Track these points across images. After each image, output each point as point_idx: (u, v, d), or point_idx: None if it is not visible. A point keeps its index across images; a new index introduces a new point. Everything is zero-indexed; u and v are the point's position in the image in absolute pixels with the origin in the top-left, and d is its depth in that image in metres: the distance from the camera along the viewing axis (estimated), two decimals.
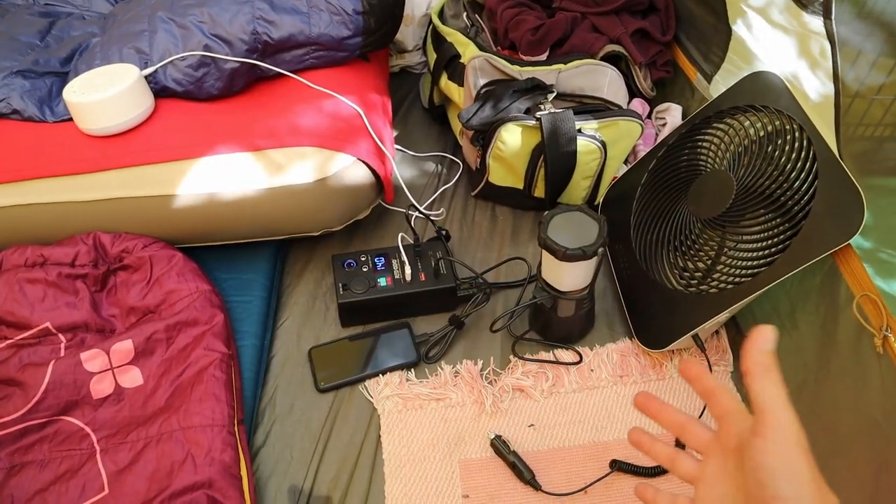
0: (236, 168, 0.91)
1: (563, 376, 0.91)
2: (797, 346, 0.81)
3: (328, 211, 0.97)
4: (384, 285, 0.95)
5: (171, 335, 0.86)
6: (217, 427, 0.79)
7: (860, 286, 0.70)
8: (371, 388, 0.90)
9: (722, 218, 0.82)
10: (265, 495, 0.81)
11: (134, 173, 0.90)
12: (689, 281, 0.86)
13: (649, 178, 0.98)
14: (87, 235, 0.91)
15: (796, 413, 0.44)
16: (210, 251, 1.00)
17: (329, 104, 0.99)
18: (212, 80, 0.98)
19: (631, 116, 1.01)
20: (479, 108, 1.01)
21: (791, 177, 0.76)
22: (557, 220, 0.84)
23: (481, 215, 1.15)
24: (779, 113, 0.81)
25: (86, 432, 0.80)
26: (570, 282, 0.86)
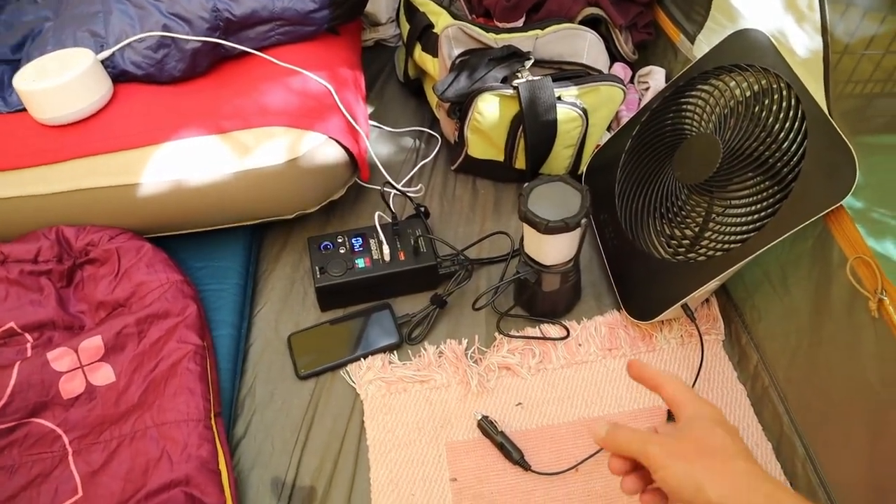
0: (202, 152, 0.87)
1: (551, 352, 0.89)
2: (789, 311, 0.78)
3: (301, 192, 0.93)
4: (362, 266, 0.92)
5: (142, 329, 0.82)
6: (192, 422, 0.76)
7: (853, 248, 0.67)
8: (353, 373, 0.88)
9: (709, 183, 0.79)
10: (247, 488, 0.78)
11: (95, 163, 0.86)
12: (677, 249, 0.83)
13: (633, 144, 0.95)
14: (49, 230, 0.87)
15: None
16: (181, 240, 0.97)
17: (297, 81, 0.95)
18: (173, 61, 0.94)
19: (612, 81, 0.97)
20: (455, 79, 0.97)
21: (779, 137, 0.73)
22: (538, 192, 0.81)
23: (462, 190, 1.12)
24: (765, 71, 0.77)
25: (57, 434, 0.77)
26: (553, 255, 0.83)
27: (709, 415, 0.53)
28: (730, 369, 0.86)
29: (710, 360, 0.87)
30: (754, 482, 0.48)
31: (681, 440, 0.52)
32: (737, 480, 0.48)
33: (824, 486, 0.72)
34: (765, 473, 0.49)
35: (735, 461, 0.49)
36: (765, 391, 0.81)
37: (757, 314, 0.85)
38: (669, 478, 0.49)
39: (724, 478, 0.48)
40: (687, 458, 0.50)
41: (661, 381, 0.57)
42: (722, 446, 0.50)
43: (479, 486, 0.77)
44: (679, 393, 0.56)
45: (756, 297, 0.86)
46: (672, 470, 0.49)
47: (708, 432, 0.51)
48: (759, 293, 0.85)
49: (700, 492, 0.47)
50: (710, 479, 0.48)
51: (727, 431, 0.52)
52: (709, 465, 0.49)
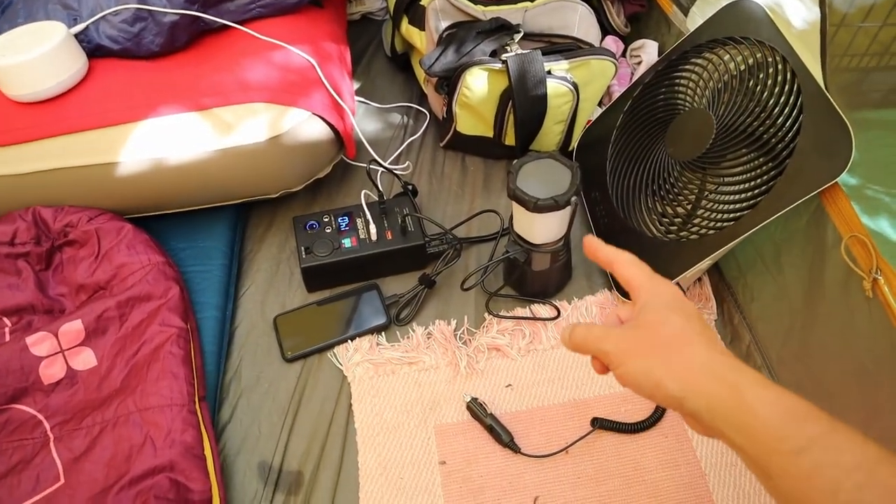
0: (182, 130, 0.84)
1: (541, 332, 0.88)
2: (783, 291, 0.77)
3: (285, 170, 0.91)
4: (349, 246, 0.90)
5: (123, 312, 0.81)
6: (176, 406, 0.75)
7: (848, 227, 0.66)
8: (340, 355, 0.86)
9: (702, 159, 0.77)
10: (233, 473, 0.77)
11: (71, 141, 0.83)
12: (669, 227, 0.82)
13: (625, 119, 0.93)
14: (25, 211, 0.85)
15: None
16: (163, 220, 0.94)
17: (279, 56, 0.92)
18: (150, 35, 0.91)
19: (604, 55, 0.95)
20: (442, 52, 0.95)
21: (774, 112, 0.71)
22: (528, 169, 0.79)
23: (451, 167, 1.10)
24: (760, 44, 0.75)
25: (38, 419, 0.76)
26: (543, 233, 0.82)
27: (664, 299, 0.50)
28: None
29: None
30: (716, 369, 0.45)
31: (635, 333, 0.49)
32: (695, 370, 0.45)
33: None
34: (728, 359, 0.46)
35: (692, 349, 0.46)
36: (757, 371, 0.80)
37: (750, 294, 0.84)
38: (627, 375, 0.47)
39: (681, 369, 0.45)
40: (642, 353, 0.47)
41: (614, 257, 0.54)
42: (678, 334, 0.47)
43: (468, 469, 0.76)
44: (634, 276, 0.52)
45: (749, 276, 0.85)
46: (628, 367, 0.47)
47: (662, 319, 0.48)
48: (752, 272, 0.84)
49: (659, 387, 0.45)
50: (667, 373, 0.45)
51: (684, 315, 0.48)
52: (665, 358, 0.46)
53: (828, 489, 0.38)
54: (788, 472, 0.40)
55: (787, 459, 0.40)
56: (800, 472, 0.40)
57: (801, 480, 0.40)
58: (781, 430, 0.41)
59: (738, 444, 0.42)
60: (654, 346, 0.47)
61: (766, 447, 0.41)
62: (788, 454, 0.40)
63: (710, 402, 0.43)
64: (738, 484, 0.74)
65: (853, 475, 0.38)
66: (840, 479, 0.38)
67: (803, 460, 0.39)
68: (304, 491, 0.76)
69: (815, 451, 0.39)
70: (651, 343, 0.47)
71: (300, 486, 0.76)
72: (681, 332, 0.47)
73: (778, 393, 0.43)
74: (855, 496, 0.38)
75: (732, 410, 0.42)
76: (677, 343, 0.47)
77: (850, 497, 0.38)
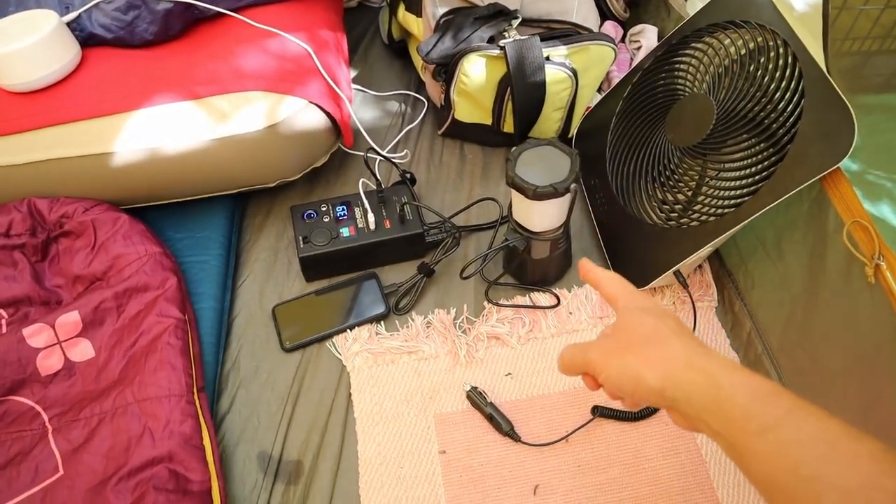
0: (177, 119, 0.84)
1: (541, 321, 0.87)
2: (783, 278, 0.77)
3: (282, 160, 0.90)
4: (347, 235, 0.89)
5: (120, 303, 0.80)
6: (174, 397, 0.74)
7: (850, 212, 0.65)
8: (339, 345, 0.86)
9: (702, 145, 0.76)
10: (233, 464, 0.77)
11: (64, 131, 0.82)
12: (669, 214, 0.81)
13: (624, 106, 0.92)
14: (20, 202, 0.84)
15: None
16: (160, 210, 0.94)
17: (275, 44, 0.91)
18: (144, 23, 0.90)
19: (603, 40, 0.94)
20: (439, 39, 0.94)
21: (775, 97, 0.70)
22: (526, 156, 0.78)
23: (449, 155, 1.09)
24: (761, 28, 0.74)
25: (36, 411, 0.76)
26: (542, 221, 0.81)
27: (639, 304, 0.53)
28: (723, 336, 0.85)
29: (703, 328, 0.86)
30: (690, 359, 0.47)
31: (615, 336, 0.52)
32: (671, 361, 0.47)
33: None
34: (701, 348, 0.48)
35: (669, 343, 0.48)
36: (758, 358, 0.80)
37: (751, 280, 0.84)
38: (611, 377, 0.50)
39: (659, 362, 0.47)
40: (621, 352, 0.50)
41: (599, 278, 0.58)
42: (653, 332, 0.50)
43: (468, 458, 0.76)
44: (616, 290, 0.56)
45: (750, 263, 0.84)
46: (610, 369, 0.50)
47: (638, 321, 0.51)
48: (753, 259, 0.83)
49: (640, 382, 0.47)
50: (646, 367, 0.47)
51: (658, 316, 0.51)
52: (643, 355, 0.48)
53: (791, 465, 0.39)
54: (756, 452, 0.41)
55: (754, 439, 0.41)
56: (766, 451, 0.41)
57: (767, 459, 0.41)
58: (748, 410, 0.42)
59: (715, 428, 0.44)
60: (631, 344, 0.50)
61: (737, 427, 0.42)
62: (755, 433, 0.41)
63: (688, 390, 0.45)
64: (739, 471, 0.74)
65: (814, 448, 0.39)
66: (802, 454, 0.39)
67: (769, 438, 0.41)
68: (303, 480, 0.76)
69: (780, 430, 0.40)
70: (629, 342, 0.50)
71: (300, 475, 0.76)
72: (655, 329, 0.50)
73: (746, 376, 0.44)
74: (816, 469, 0.38)
75: (707, 396, 0.44)
76: (653, 340, 0.49)
77: (811, 471, 0.39)
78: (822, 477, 0.38)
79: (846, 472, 0.38)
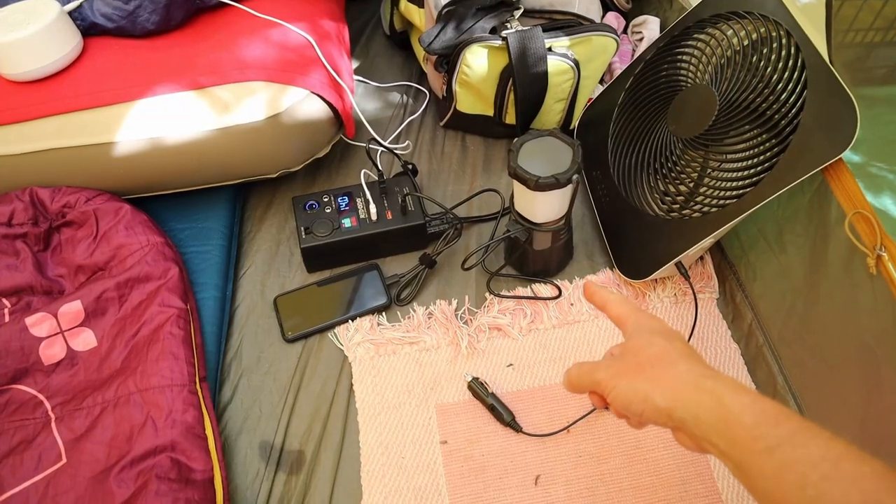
0: (179, 109, 0.83)
1: (542, 312, 0.87)
2: (785, 269, 0.77)
3: (284, 150, 0.90)
4: (349, 226, 0.89)
5: (123, 293, 0.80)
6: (177, 387, 0.75)
7: (852, 203, 0.65)
8: (341, 335, 0.86)
9: (704, 136, 0.76)
10: (235, 453, 0.78)
11: (66, 121, 0.82)
12: (671, 206, 0.81)
13: (626, 97, 0.92)
14: (22, 191, 0.84)
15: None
16: (162, 200, 0.94)
17: (277, 34, 0.91)
18: (146, 13, 0.89)
19: (605, 31, 0.93)
20: (441, 30, 0.93)
21: (778, 88, 0.70)
22: (528, 147, 0.78)
23: (451, 146, 1.09)
24: (764, 19, 0.74)
25: (39, 400, 0.76)
26: (544, 212, 0.81)
27: (647, 326, 0.54)
28: (724, 328, 0.85)
29: (704, 319, 0.86)
30: (698, 380, 0.47)
31: (623, 358, 0.53)
32: (679, 382, 0.48)
33: None
34: (708, 370, 0.49)
35: (676, 365, 0.49)
36: (759, 350, 0.80)
37: (752, 272, 0.84)
38: (619, 397, 0.50)
39: (666, 383, 0.48)
40: (629, 374, 0.50)
41: (606, 300, 0.59)
42: (661, 353, 0.50)
43: (469, 449, 0.76)
44: (622, 312, 0.57)
45: (751, 254, 0.84)
46: (619, 390, 0.50)
47: (646, 343, 0.52)
48: (755, 251, 0.83)
49: (647, 401, 0.48)
50: (654, 388, 0.48)
51: (666, 338, 0.52)
52: (651, 375, 0.49)
53: (796, 484, 0.40)
54: (763, 471, 0.42)
55: (760, 458, 0.42)
56: (772, 470, 0.41)
57: (773, 478, 0.41)
58: (756, 431, 0.43)
59: (722, 448, 0.44)
60: (640, 366, 0.50)
61: (744, 448, 0.43)
62: (761, 453, 0.42)
63: (696, 411, 0.46)
64: None
65: (819, 468, 0.40)
66: (807, 474, 0.40)
67: (775, 458, 0.41)
68: (305, 470, 0.76)
69: (785, 449, 0.41)
70: (637, 364, 0.51)
71: (302, 465, 0.76)
72: (663, 351, 0.51)
73: (753, 397, 0.45)
74: (820, 488, 0.39)
75: (715, 416, 0.45)
76: (661, 361, 0.50)
77: (816, 490, 0.39)
78: (827, 495, 0.39)
79: (850, 491, 0.38)
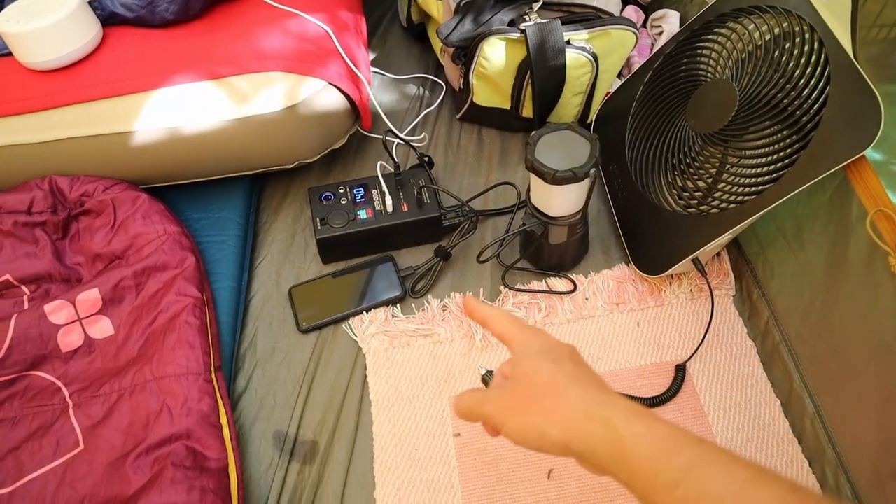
0: (197, 99, 0.84)
1: (557, 306, 0.87)
2: (803, 268, 0.76)
3: (301, 141, 0.90)
4: (364, 218, 0.89)
5: (139, 281, 0.81)
6: (192, 375, 0.75)
7: (874, 201, 0.64)
8: (355, 327, 0.86)
9: (724, 132, 0.75)
10: (249, 442, 0.78)
11: (86, 110, 0.83)
12: (689, 201, 0.80)
13: (645, 91, 0.91)
14: (42, 180, 0.85)
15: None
16: (179, 190, 0.94)
17: (295, 24, 0.91)
18: (165, 3, 0.90)
19: (624, 25, 0.93)
20: (459, 22, 0.93)
21: (799, 84, 0.69)
22: (546, 141, 0.78)
23: (467, 139, 1.09)
24: (787, 13, 0.73)
25: (57, 386, 0.77)
26: (560, 206, 0.81)
27: (534, 346, 0.51)
28: (740, 325, 0.84)
29: (720, 316, 0.85)
30: (590, 409, 0.45)
31: (512, 389, 0.49)
32: (572, 413, 0.45)
33: (833, 444, 0.71)
34: (600, 395, 0.46)
35: (566, 393, 0.46)
36: (775, 348, 0.80)
37: (770, 269, 0.83)
38: (513, 434, 0.47)
39: (559, 415, 0.45)
40: (520, 408, 0.47)
41: (487, 316, 0.55)
42: (550, 381, 0.47)
43: (482, 441, 0.76)
44: (506, 330, 0.53)
45: (769, 251, 0.83)
46: (511, 426, 0.47)
47: (534, 369, 0.49)
48: (773, 248, 0.82)
49: (544, 437, 0.45)
50: (546, 422, 0.45)
51: (553, 359, 0.49)
52: (541, 408, 0.46)
53: None
54: None
55: (663, 495, 0.40)
56: None
57: None
58: (655, 464, 0.41)
59: (623, 480, 0.43)
60: (530, 397, 0.47)
61: (645, 483, 0.41)
62: (664, 489, 0.40)
63: (591, 442, 0.44)
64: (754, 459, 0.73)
65: (721, 501, 0.38)
66: None
67: (677, 494, 0.40)
68: (318, 460, 0.76)
69: (687, 484, 0.39)
70: (527, 395, 0.48)
71: (315, 455, 0.77)
72: (552, 378, 0.47)
73: (648, 425, 0.43)
74: None
75: (612, 449, 0.43)
76: (551, 390, 0.47)
77: None
78: None
79: None
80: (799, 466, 0.73)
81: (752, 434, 0.76)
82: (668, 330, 0.84)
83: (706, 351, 0.82)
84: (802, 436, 0.75)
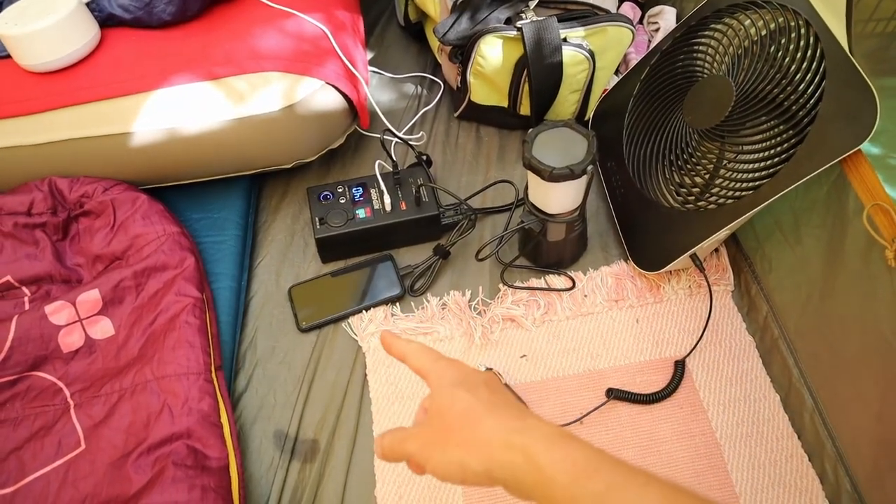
0: (195, 99, 0.84)
1: (556, 303, 0.87)
2: (801, 262, 0.76)
3: (299, 140, 0.91)
4: (363, 217, 0.90)
5: (139, 282, 0.81)
6: (193, 375, 0.75)
7: (871, 195, 0.64)
8: (355, 326, 0.87)
9: (720, 127, 0.76)
10: (249, 441, 0.78)
11: (84, 111, 0.83)
12: (686, 197, 0.81)
13: (642, 88, 0.91)
14: (41, 181, 0.85)
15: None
16: (178, 191, 0.95)
17: (292, 24, 0.91)
18: (162, 4, 0.90)
19: (621, 22, 0.93)
20: (456, 20, 0.93)
21: (796, 79, 0.69)
22: (543, 138, 0.78)
23: (465, 137, 1.09)
24: (782, 8, 0.73)
25: (58, 387, 0.77)
26: (558, 203, 0.81)
27: (448, 378, 0.50)
28: (739, 321, 0.85)
29: (719, 312, 0.85)
30: (507, 438, 0.44)
31: (430, 424, 0.48)
32: (490, 443, 0.44)
33: (832, 439, 0.71)
34: (516, 422, 0.45)
35: (483, 422, 0.46)
36: (774, 343, 0.80)
37: (768, 264, 0.83)
38: (436, 470, 0.46)
39: (478, 446, 0.45)
40: (440, 442, 0.47)
41: (404, 352, 0.54)
42: (467, 411, 0.47)
43: None
44: (422, 364, 0.52)
45: (767, 246, 0.83)
46: (433, 462, 0.46)
47: (449, 400, 0.48)
48: (770, 242, 0.83)
49: (466, 471, 0.45)
50: (467, 455, 0.45)
51: (469, 388, 0.48)
52: (460, 439, 0.46)
53: None
54: None
55: None
56: None
57: None
58: (571, 490, 0.41)
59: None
60: (448, 431, 0.47)
61: None
62: None
63: (512, 470, 0.43)
64: (753, 454, 0.74)
65: None
66: None
67: None
68: (319, 459, 0.77)
69: None
70: (445, 429, 0.47)
71: (316, 454, 0.77)
72: (468, 408, 0.47)
73: (565, 450, 0.42)
74: None
75: (531, 478, 0.42)
76: (469, 421, 0.46)
77: None
78: None
79: None
80: (798, 461, 0.73)
81: (751, 429, 0.76)
82: (666, 326, 0.85)
83: (705, 346, 0.82)
84: (802, 430, 0.75)
